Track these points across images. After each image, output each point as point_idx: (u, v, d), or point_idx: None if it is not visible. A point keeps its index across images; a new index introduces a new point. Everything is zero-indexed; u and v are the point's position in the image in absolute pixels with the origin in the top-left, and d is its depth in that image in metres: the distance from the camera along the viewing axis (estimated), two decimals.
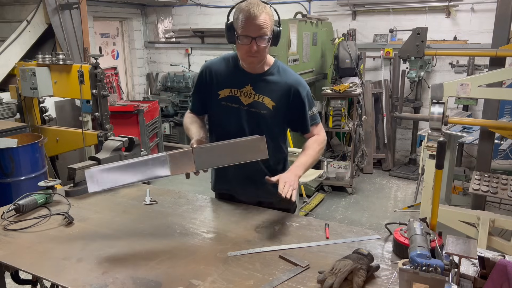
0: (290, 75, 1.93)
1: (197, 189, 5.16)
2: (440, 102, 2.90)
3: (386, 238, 1.66)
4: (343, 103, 4.78)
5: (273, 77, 1.89)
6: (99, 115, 3.77)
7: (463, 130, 4.32)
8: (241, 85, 1.89)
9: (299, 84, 1.91)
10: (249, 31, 1.72)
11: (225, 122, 1.95)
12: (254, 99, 1.88)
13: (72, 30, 4.96)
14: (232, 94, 1.91)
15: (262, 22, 1.71)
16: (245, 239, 1.67)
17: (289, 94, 1.88)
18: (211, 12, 6.93)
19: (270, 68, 1.90)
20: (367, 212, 4.55)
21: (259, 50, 1.76)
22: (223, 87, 1.92)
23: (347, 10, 6.01)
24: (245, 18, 1.71)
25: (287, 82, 1.89)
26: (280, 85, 1.88)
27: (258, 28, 1.71)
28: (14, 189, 3.34)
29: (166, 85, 6.70)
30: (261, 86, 1.88)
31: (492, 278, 1.27)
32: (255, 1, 1.73)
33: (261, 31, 1.72)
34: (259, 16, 1.70)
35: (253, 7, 1.70)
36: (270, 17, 1.75)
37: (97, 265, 1.49)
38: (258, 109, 1.88)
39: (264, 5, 1.75)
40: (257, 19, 1.70)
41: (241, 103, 1.90)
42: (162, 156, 1.61)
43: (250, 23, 1.71)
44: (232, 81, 1.91)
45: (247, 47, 1.75)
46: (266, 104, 1.88)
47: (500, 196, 2.91)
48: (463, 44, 5.39)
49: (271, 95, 1.88)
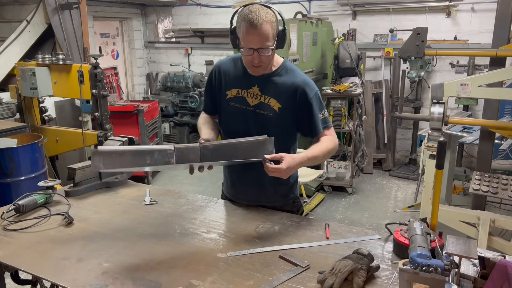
0: (297, 75, 1.87)
1: (197, 189, 5.16)
2: (440, 102, 2.89)
3: (386, 238, 1.66)
4: (343, 103, 4.78)
5: (280, 78, 1.85)
6: (99, 115, 3.77)
7: (463, 130, 4.32)
8: (248, 86, 1.86)
9: (306, 84, 1.85)
10: (251, 43, 1.68)
11: (232, 123, 1.93)
12: (260, 100, 1.85)
13: (72, 30, 4.96)
14: (239, 95, 1.88)
15: (263, 33, 1.66)
16: (245, 239, 1.67)
17: (296, 95, 1.83)
18: (211, 12, 6.93)
19: (277, 68, 1.86)
20: (367, 212, 4.54)
21: (262, 60, 1.73)
22: (230, 87, 1.90)
23: (347, 10, 6.01)
24: (246, 29, 1.66)
25: (294, 82, 1.83)
26: (287, 86, 1.83)
27: (259, 40, 1.67)
28: (14, 189, 3.34)
29: (166, 85, 6.70)
30: (268, 87, 1.84)
31: (492, 278, 1.27)
32: (256, 8, 1.66)
33: (263, 43, 1.68)
34: (260, 27, 1.64)
35: (254, 17, 1.64)
36: (272, 24, 1.69)
37: (97, 265, 1.49)
38: (264, 111, 1.84)
39: (266, 11, 1.68)
40: (258, 30, 1.65)
41: (247, 104, 1.87)
42: (169, 149, 1.62)
43: (251, 35, 1.66)
44: (239, 82, 1.88)
45: (250, 57, 1.72)
46: (272, 105, 1.84)
47: (500, 196, 2.90)
48: (463, 44, 5.39)
49: (278, 96, 1.83)
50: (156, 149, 1.61)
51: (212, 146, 1.65)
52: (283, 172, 1.66)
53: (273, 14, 1.71)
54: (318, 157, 1.83)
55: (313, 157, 1.80)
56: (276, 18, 1.72)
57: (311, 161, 1.80)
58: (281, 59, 1.90)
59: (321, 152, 1.83)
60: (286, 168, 1.66)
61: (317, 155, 1.81)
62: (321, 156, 1.83)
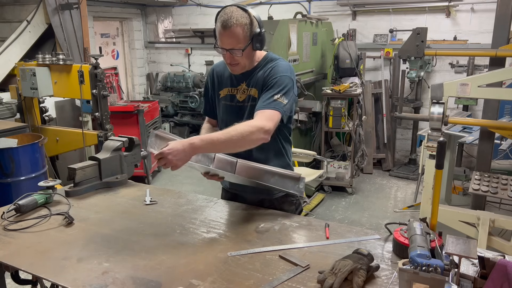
0: (274, 60, 1.91)
1: (197, 189, 5.16)
2: (440, 102, 2.90)
3: (386, 238, 1.66)
4: (343, 103, 4.79)
5: (262, 69, 1.91)
6: (99, 115, 3.78)
7: (463, 130, 4.32)
8: (237, 83, 1.95)
9: (277, 66, 1.86)
10: (223, 43, 1.77)
11: (225, 121, 1.99)
12: (247, 94, 1.93)
13: (72, 30, 4.97)
14: (229, 93, 1.98)
15: (233, 35, 1.73)
16: (245, 239, 1.67)
17: (266, 75, 1.86)
18: (211, 12, 6.92)
19: (259, 62, 1.92)
20: (367, 212, 4.55)
21: (236, 59, 1.81)
22: (222, 87, 2.00)
23: (347, 10, 6.02)
24: (219, 30, 1.75)
25: (270, 68, 1.88)
26: (265, 73, 1.88)
27: (230, 41, 1.75)
28: (14, 189, 3.34)
29: (166, 85, 6.71)
30: (252, 81, 1.91)
31: (492, 278, 1.27)
32: (230, 10, 1.74)
33: (233, 45, 1.76)
34: (230, 29, 1.72)
35: (225, 19, 1.72)
36: (244, 27, 1.74)
37: (97, 265, 1.49)
38: (250, 102, 1.91)
39: (240, 14, 1.74)
40: (228, 32, 1.73)
41: (237, 100, 1.95)
42: (211, 155, 1.77)
43: (223, 36, 1.75)
44: (230, 81, 1.98)
45: (224, 57, 1.83)
46: (253, 94, 1.91)
47: (500, 196, 2.91)
48: (463, 44, 5.40)
49: (257, 85, 1.89)
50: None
51: (248, 166, 1.79)
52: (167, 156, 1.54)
53: (247, 17, 1.77)
54: (220, 139, 1.64)
55: (210, 139, 1.63)
56: (250, 21, 1.77)
57: (210, 143, 1.62)
58: (264, 53, 1.95)
59: (224, 135, 1.65)
60: (169, 151, 1.55)
61: (218, 138, 1.64)
62: (223, 138, 1.64)
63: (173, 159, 1.57)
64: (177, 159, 1.58)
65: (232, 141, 1.65)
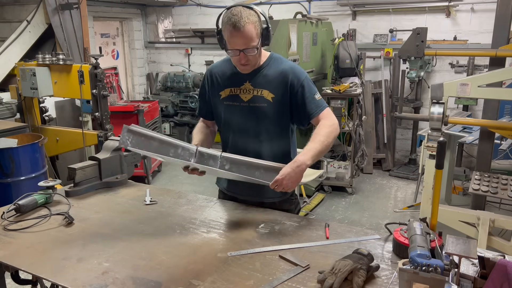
0: (285, 62, 1.92)
1: (197, 189, 5.16)
2: (440, 102, 2.90)
3: (386, 238, 1.66)
4: (343, 103, 4.78)
5: (270, 69, 1.90)
6: (99, 115, 3.77)
7: (463, 130, 4.32)
8: (240, 83, 1.92)
9: (294, 69, 1.89)
10: (236, 44, 1.75)
11: (228, 121, 1.98)
12: (253, 94, 1.90)
13: (72, 30, 4.97)
14: (232, 93, 1.94)
15: (247, 35, 1.71)
16: (245, 239, 1.67)
17: (287, 81, 1.87)
18: (211, 12, 6.93)
19: (265, 61, 1.92)
20: (367, 212, 4.55)
21: (249, 59, 1.80)
22: (223, 87, 1.96)
23: (347, 10, 6.02)
24: (230, 32, 1.72)
25: (283, 70, 1.88)
26: (277, 74, 1.88)
27: (243, 41, 1.73)
28: (14, 189, 3.34)
29: (166, 85, 6.70)
30: (259, 80, 1.89)
31: (492, 278, 1.27)
32: (238, 10, 1.72)
33: (248, 44, 1.74)
34: (243, 29, 1.70)
35: (236, 20, 1.69)
36: (255, 24, 1.74)
37: (97, 265, 1.49)
38: (258, 103, 1.89)
39: (248, 12, 1.73)
40: (241, 32, 1.70)
41: (241, 100, 1.92)
42: (193, 149, 1.72)
43: (236, 37, 1.72)
44: (231, 81, 1.94)
45: (237, 58, 1.79)
46: (265, 96, 1.89)
47: (500, 196, 2.91)
48: (463, 44, 5.39)
49: (269, 86, 1.88)
50: (181, 145, 1.71)
51: (231, 159, 1.74)
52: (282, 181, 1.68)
53: (255, 14, 1.76)
54: (321, 150, 1.79)
55: (314, 155, 1.76)
56: (258, 18, 1.78)
57: (316, 157, 1.77)
58: (268, 52, 1.96)
59: (320, 144, 1.78)
60: (283, 177, 1.67)
61: (318, 150, 1.77)
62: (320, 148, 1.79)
63: (288, 182, 1.69)
64: (292, 181, 1.70)
65: (327, 146, 1.82)
